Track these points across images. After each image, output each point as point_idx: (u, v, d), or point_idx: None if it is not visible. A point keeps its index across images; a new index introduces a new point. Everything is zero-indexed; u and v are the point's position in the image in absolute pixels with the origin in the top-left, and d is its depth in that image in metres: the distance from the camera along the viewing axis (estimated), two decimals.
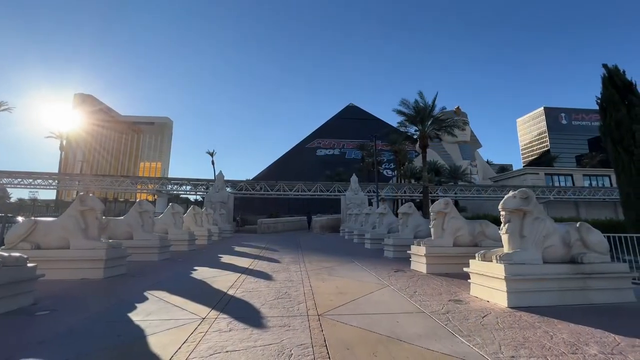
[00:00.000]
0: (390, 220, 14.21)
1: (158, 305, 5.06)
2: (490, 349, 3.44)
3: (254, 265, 9.22)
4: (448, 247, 8.07)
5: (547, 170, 56.93)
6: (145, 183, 44.13)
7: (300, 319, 4.40)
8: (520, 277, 4.98)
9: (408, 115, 30.43)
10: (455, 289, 6.20)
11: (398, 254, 10.56)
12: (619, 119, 10.42)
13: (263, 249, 13.74)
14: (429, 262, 7.84)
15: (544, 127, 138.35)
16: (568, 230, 5.58)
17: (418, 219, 11.26)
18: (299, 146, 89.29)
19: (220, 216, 24.22)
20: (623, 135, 10.31)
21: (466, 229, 8.17)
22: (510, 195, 5.59)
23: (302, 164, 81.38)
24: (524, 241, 5.37)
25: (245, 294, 5.82)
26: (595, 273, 5.22)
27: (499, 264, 5.12)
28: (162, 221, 13.36)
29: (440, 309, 4.88)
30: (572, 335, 3.85)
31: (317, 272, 8.16)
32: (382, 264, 9.50)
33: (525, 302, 4.94)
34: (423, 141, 29.77)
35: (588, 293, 5.17)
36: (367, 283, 6.77)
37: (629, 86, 10.69)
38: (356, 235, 17.08)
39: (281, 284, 6.73)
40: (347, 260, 10.38)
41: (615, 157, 10.61)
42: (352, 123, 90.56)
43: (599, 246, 5.42)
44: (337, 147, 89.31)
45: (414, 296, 5.62)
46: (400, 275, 7.59)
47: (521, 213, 5.50)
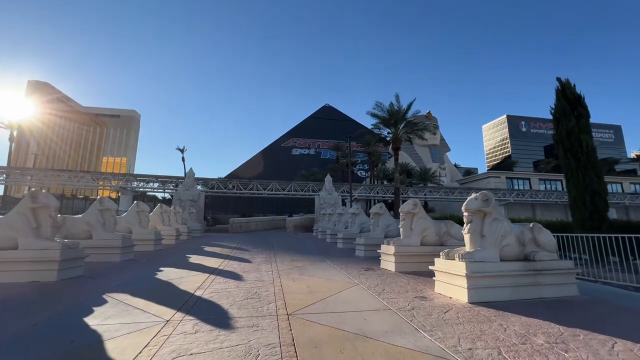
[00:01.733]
0: (362, 220, 14.48)
1: (118, 308, 4.80)
2: (450, 342, 3.63)
3: (224, 266, 9.01)
4: (416, 246, 8.39)
5: (508, 174, 60.86)
6: (108, 179, 41.46)
7: (269, 318, 4.37)
8: (479, 274, 5.29)
9: (382, 118, 31.16)
10: (421, 286, 6.46)
11: (369, 253, 10.79)
12: (569, 128, 11.44)
13: (234, 249, 13.46)
14: (397, 261, 8.10)
15: (506, 134, 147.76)
16: (522, 230, 6.01)
17: (389, 219, 11.58)
18: (274, 145, 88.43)
19: (189, 215, 23.38)
20: (572, 144, 11.33)
21: (433, 229, 8.53)
22: (473, 197, 5.92)
23: (277, 162, 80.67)
24: (484, 240, 5.71)
25: (214, 294, 5.68)
26: (545, 270, 5.67)
27: (461, 262, 5.41)
28: (125, 220, 12.66)
29: (406, 305, 5.06)
30: (523, 327, 4.16)
31: (288, 271, 8.14)
32: (353, 263, 9.67)
33: (483, 297, 5.25)
34: (396, 143, 30.63)
35: (539, 288, 5.61)
36: (338, 282, 6.86)
37: (579, 99, 11.76)
38: (329, 234, 17.23)
39: (251, 284, 6.64)
40: (319, 259, 10.44)
41: (565, 163, 11.63)
42: (327, 123, 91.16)
43: (548, 245, 5.89)
44: (313, 147, 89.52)
45: (382, 294, 5.79)
46: (370, 274, 7.76)
47: (482, 214, 5.85)
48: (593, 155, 11.31)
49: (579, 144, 11.16)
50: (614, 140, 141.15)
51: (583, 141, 11.14)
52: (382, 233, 11.17)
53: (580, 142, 11.17)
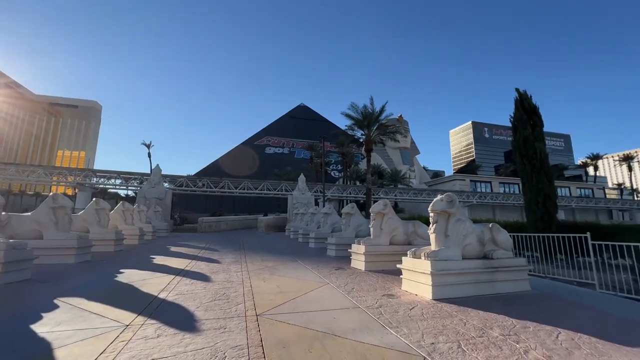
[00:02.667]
0: (334, 220, 14.62)
1: (72, 313, 4.46)
2: (414, 338, 3.78)
3: (191, 267, 8.68)
4: (385, 245, 8.62)
5: (472, 177, 64.45)
6: (63, 174, 38.30)
7: (237, 320, 4.28)
8: (443, 272, 5.56)
9: (356, 119, 31.68)
10: (389, 284, 6.65)
11: (340, 252, 10.92)
12: (525, 136, 12.39)
13: (202, 249, 13.02)
14: (367, 260, 8.28)
15: (471, 139, 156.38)
16: (483, 230, 6.40)
17: (360, 219, 11.80)
18: (248, 143, 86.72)
19: (155, 213, 22.26)
20: (528, 150, 12.28)
21: (401, 229, 8.82)
22: (438, 198, 6.20)
23: (250, 161, 79.19)
24: (448, 240, 6.00)
25: (179, 296, 5.46)
26: (502, 267, 6.08)
27: (426, 260, 5.64)
28: (82, 218, 11.78)
29: (374, 303, 5.19)
30: (481, 321, 4.43)
31: (258, 271, 8.02)
32: (325, 262, 9.74)
33: (446, 294, 5.52)
34: (368, 145, 31.29)
35: (496, 284, 5.99)
36: (308, 281, 6.88)
37: (534, 109, 12.77)
38: (301, 234, 17.20)
39: (220, 285, 6.46)
40: (290, 259, 10.40)
41: (521, 168, 12.57)
42: (302, 123, 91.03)
43: (505, 244, 6.32)
44: (287, 146, 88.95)
45: (352, 292, 5.89)
46: (340, 273, 7.86)
47: (447, 215, 6.14)
48: (545, 161, 12.32)
49: (534, 151, 12.14)
50: (564, 148, 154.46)
51: (537, 148, 12.13)
52: (353, 233, 11.35)
53: (534, 149, 12.15)
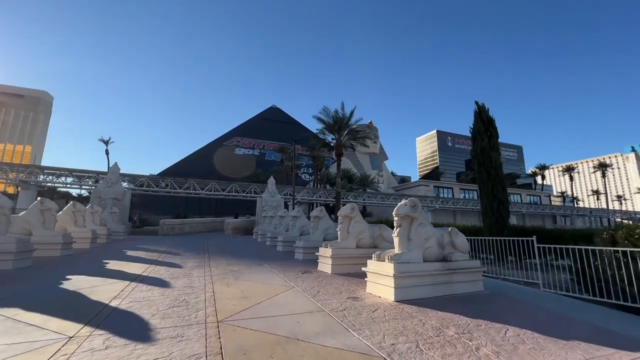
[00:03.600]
0: (303, 223, 14.59)
1: (4, 325, 4.01)
2: (376, 339, 3.86)
3: (149, 272, 8.19)
4: (351, 248, 8.75)
5: (436, 183, 67.84)
6: (4, 170, 34.45)
7: (196, 327, 4.10)
8: (405, 274, 5.75)
9: (327, 123, 32.01)
10: (355, 287, 6.75)
11: (308, 255, 10.90)
12: (483, 146, 13.33)
13: (163, 253, 12.34)
14: (334, 263, 8.34)
15: (436, 147, 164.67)
16: (442, 234, 6.73)
17: (328, 222, 11.89)
18: (217, 143, 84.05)
19: (111, 215, 20.74)
20: (485, 160, 13.21)
21: (367, 232, 9.01)
22: (402, 203, 6.43)
23: (218, 161, 76.76)
24: (410, 243, 6.23)
25: (133, 304, 5.12)
26: (459, 269, 6.43)
27: (389, 263, 5.81)
28: (24, 219, 10.66)
29: (339, 306, 5.24)
30: (438, 321, 4.64)
31: (222, 276, 7.76)
32: (292, 266, 9.66)
33: (408, 295, 5.72)
34: (339, 149, 31.72)
35: (453, 285, 6.32)
36: (274, 285, 6.78)
37: (491, 121, 13.80)
38: (269, 237, 16.94)
39: (179, 290, 6.16)
40: (256, 263, 10.19)
41: (479, 176, 13.49)
42: (273, 125, 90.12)
43: (462, 247, 6.70)
44: (257, 148, 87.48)
45: (317, 296, 5.89)
46: (307, 277, 7.84)
47: (410, 219, 6.38)
48: (500, 170, 13.33)
49: (490, 160, 13.09)
50: (517, 158, 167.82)
51: (493, 158, 13.10)
52: (321, 236, 11.40)
53: (491, 158, 13.10)
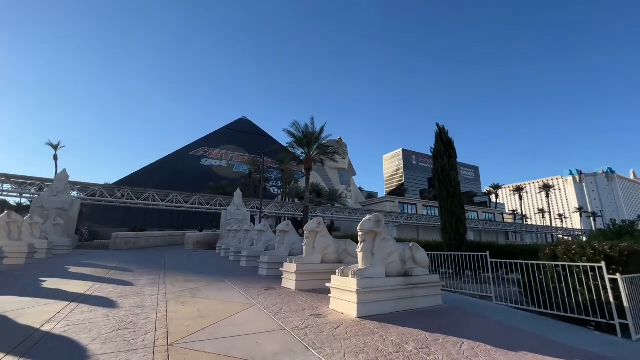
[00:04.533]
0: (268, 238, 14.24)
1: None
2: (336, 357, 3.78)
3: (94, 290, 7.43)
4: (317, 264, 8.66)
5: (401, 199, 70.32)
6: None
7: (143, 352, 3.75)
8: (368, 290, 5.77)
9: (297, 137, 32.14)
10: (318, 304, 6.64)
11: (272, 271, 10.60)
12: (442, 166, 14.15)
13: (113, 270, 11.32)
14: (298, 279, 8.17)
15: (401, 165, 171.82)
16: (404, 249, 6.91)
17: (294, 237, 11.71)
18: (182, 152, 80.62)
19: (54, 227, 18.76)
20: (445, 178, 14.01)
21: (333, 247, 9.00)
22: (367, 218, 6.54)
23: (183, 172, 73.47)
24: (374, 258, 6.31)
25: (70, 328, 4.57)
26: (420, 283, 6.60)
27: (353, 278, 5.81)
28: None
29: (301, 324, 5.09)
30: (399, 336, 4.67)
31: (178, 294, 7.25)
32: (255, 282, 9.32)
33: (370, 311, 5.73)
34: (308, 164, 31.85)
35: (414, 300, 6.46)
36: (234, 303, 6.45)
37: (450, 142, 14.77)
38: (233, 252, 16.27)
39: (127, 311, 5.63)
40: (217, 279, 9.69)
41: (439, 193, 14.23)
42: (243, 136, 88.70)
43: (423, 262, 6.91)
44: (225, 159, 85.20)
45: (279, 314, 5.69)
46: (270, 293, 7.58)
47: (374, 234, 6.48)
48: (458, 188, 14.17)
49: (449, 179, 13.89)
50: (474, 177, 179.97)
51: (452, 177, 13.92)
52: (286, 251, 11.18)
53: (450, 177, 13.92)
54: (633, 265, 6.34)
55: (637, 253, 6.52)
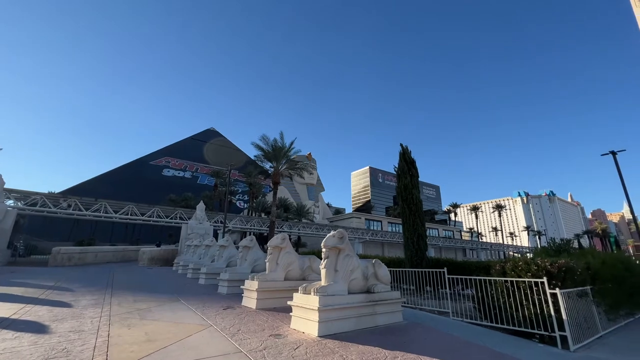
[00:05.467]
0: (231, 254, 13.65)
1: None
2: None
3: (22, 314, 6.54)
4: (280, 281, 8.42)
5: (367, 216, 71.67)
6: None
7: None
8: (330, 307, 5.70)
9: (266, 151, 31.84)
10: (279, 323, 6.41)
11: (233, 289, 10.13)
12: (405, 184, 14.77)
13: (49, 289, 10.10)
14: (259, 297, 7.87)
15: (368, 182, 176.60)
16: (367, 265, 6.98)
17: (258, 253, 11.35)
18: (142, 162, 76.08)
19: None
20: (407, 196, 14.60)
21: (297, 263, 8.84)
22: (331, 234, 6.55)
23: (142, 182, 69.09)
24: (336, 275, 6.28)
25: None
26: (381, 300, 6.65)
27: (315, 296, 5.72)
28: None
29: (259, 346, 4.86)
30: (359, 355, 4.62)
31: (125, 316, 6.62)
32: (213, 301, 8.81)
33: (332, 329, 5.64)
34: (276, 178, 31.54)
35: (375, 317, 6.48)
36: (188, 325, 6.02)
37: (412, 162, 15.52)
38: (191, 269, 15.33)
39: (61, 337, 5.01)
40: (171, 298, 9.02)
41: (402, 211, 14.75)
42: (209, 147, 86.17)
43: (385, 278, 7.01)
44: (189, 170, 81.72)
45: (236, 335, 5.40)
46: (228, 313, 7.20)
47: (337, 250, 6.49)
48: (420, 206, 14.79)
49: (411, 197, 14.50)
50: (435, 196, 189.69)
51: (414, 195, 14.55)
52: (249, 267, 10.78)
53: (412, 195, 14.53)
54: (569, 280, 6.95)
55: (573, 269, 7.18)
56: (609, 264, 9.08)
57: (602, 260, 9.19)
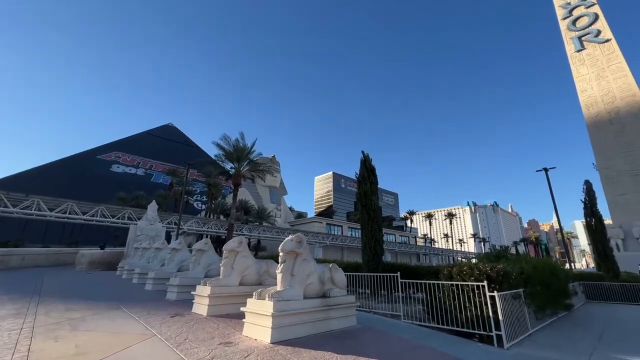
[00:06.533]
0: (183, 257, 12.88)
1: None
2: None
3: None
4: (234, 286, 8.11)
5: (328, 221, 72.43)
6: None
7: None
8: (284, 313, 5.60)
9: (227, 151, 30.80)
10: (231, 330, 6.16)
11: (183, 295, 9.54)
12: (365, 190, 15.21)
13: None
14: (212, 303, 7.50)
15: (331, 187, 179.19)
16: (324, 270, 7.01)
17: (212, 257, 10.85)
18: (88, 155, 69.36)
19: None
20: (367, 202, 15.03)
21: (253, 268, 8.59)
22: (289, 238, 6.47)
23: (86, 178, 62.87)
24: (293, 279, 6.22)
25: None
26: (336, 305, 6.70)
27: (269, 301, 5.59)
28: None
29: (207, 355, 4.61)
30: None
31: (53, 327, 5.89)
32: (160, 308, 8.21)
33: (285, 335, 5.54)
34: (237, 179, 30.61)
35: (330, 322, 6.50)
36: (127, 335, 5.52)
37: (372, 170, 16.05)
38: (138, 273, 14.17)
39: None
40: (110, 306, 8.24)
41: (361, 216, 15.14)
42: (166, 144, 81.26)
43: (341, 283, 7.09)
44: (142, 167, 76.18)
45: (182, 344, 5.07)
46: (176, 321, 6.75)
47: (295, 254, 6.43)
48: (378, 212, 15.31)
49: (371, 203, 14.96)
50: (393, 203, 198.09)
51: (373, 201, 15.03)
52: (202, 272, 10.25)
53: (371, 201, 14.99)
54: (506, 284, 7.63)
55: (509, 273, 7.88)
56: (539, 269, 10.14)
57: (534, 266, 10.23)
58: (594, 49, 38.94)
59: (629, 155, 33.62)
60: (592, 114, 37.05)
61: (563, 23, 43.01)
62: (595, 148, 36.04)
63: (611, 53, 37.48)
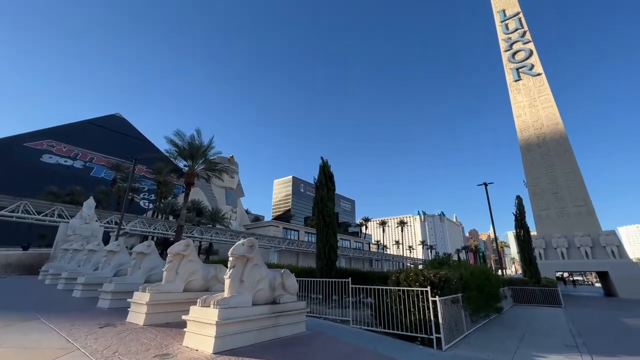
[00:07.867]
0: (121, 261, 11.70)
1: None
2: None
3: None
4: (177, 292, 7.57)
5: (285, 225, 71.77)
6: None
7: None
8: (230, 321, 5.34)
9: (181, 147, 28.98)
10: (170, 340, 5.71)
11: (119, 302, 8.63)
12: (322, 196, 15.38)
13: None
14: (150, 312, 6.89)
15: (290, 191, 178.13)
16: (275, 275, 6.86)
17: (155, 260, 10.03)
18: (13, 141, 60.63)
19: None
20: (323, 208, 15.18)
21: (200, 273, 8.11)
22: (240, 242, 6.24)
23: (11, 168, 54.73)
24: (242, 286, 5.98)
25: None
26: (286, 311, 6.59)
27: (214, 308, 5.29)
28: None
29: None
30: None
31: None
32: (89, 318, 7.34)
33: (229, 345, 5.27)
34: (190, 178, 28.90)
35: (278, 329, 6.35)
36: (43, 350, 4.83)
37: (330, 176, 16.31)
38: (64, 278, 12.56)
39: None
40: (27, 316, 7.17)
41: (317, 222, 15.24)
42: (112, 135, 74.32)
43: (292, 289, 6.99)
44: (81, 159, 68.65)
45: (111, 358, 4.56)
46: (106, 332, 6.07)
47: (245, 259, 6.20)
48: (333, 218, 15.54)
49: (327, 209, 15.14)
50: (350, 209, 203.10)
51: (329, 207, 15.23)
52: (142, 277, 9.41)
53: (327, 207, 15.17)
54: (447, 289, 8.16)
55: (449, 279, 8.46)
56: (476, 275, 11.06)
57: (471, 272, 11.12)
58: (528, 80, 44.28)
59: (551, 175, 38.61)
60: (525, 137, 41.96)
61: (505, 55, 48.31)
62: (526, 167, 40.80)
63: (541, 85, 42.94)
